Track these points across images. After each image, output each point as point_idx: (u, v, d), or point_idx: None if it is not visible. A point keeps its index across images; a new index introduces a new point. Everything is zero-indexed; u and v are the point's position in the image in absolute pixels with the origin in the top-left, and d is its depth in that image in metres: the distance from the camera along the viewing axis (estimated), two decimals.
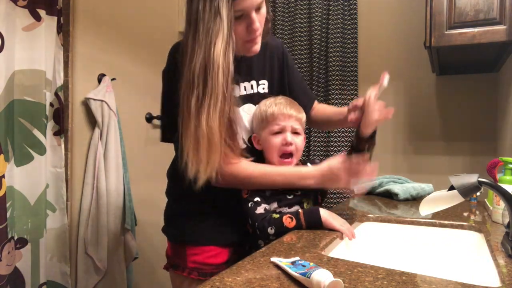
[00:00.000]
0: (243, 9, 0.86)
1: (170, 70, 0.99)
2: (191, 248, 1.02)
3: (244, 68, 1.05)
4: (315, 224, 0.93)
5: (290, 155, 1.04)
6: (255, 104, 1.08)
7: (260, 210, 0.96)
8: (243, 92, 1.06)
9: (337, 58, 2.20)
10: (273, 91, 1.11)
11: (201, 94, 0.84)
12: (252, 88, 1.08)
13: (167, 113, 1.02)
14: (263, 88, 1.10)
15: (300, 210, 0.95)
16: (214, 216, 1.03)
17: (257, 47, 0.95)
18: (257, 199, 0.98)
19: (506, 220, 0.81)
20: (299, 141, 1.06)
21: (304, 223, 0.92)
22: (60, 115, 1.63)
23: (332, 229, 0.92)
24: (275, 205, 1.01)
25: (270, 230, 0.92)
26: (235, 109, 0.93)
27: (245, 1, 0.85)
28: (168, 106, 0.99)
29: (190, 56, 0.86)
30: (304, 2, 2.29)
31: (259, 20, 0.90)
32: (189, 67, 0.86)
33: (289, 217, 0.93)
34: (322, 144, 2.26)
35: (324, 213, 0.94)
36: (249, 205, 0.97)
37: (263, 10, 0.91)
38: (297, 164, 1.07)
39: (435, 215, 1.16)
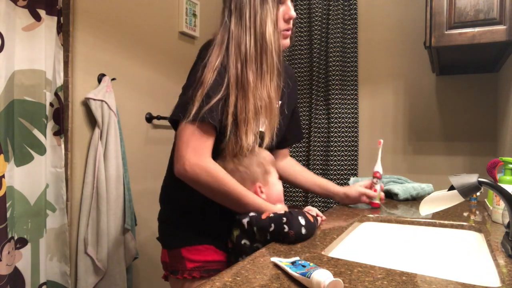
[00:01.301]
0: None
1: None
2: (186, 250, 1.01)
3: None
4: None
5: None
6: None
7: (264, 215, 0.91)
8: None
9: (337, 58, 2.20)
10: (283, 112, 1.12)
11: (259, 70, 0.95)
12: None
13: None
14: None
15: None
16: (204, 216, 1.03)
17: (287, 41, 1.06)
18: (252, 213, 0.93)
19: (506, 220, 0.81)
20: None
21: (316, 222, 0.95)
22: (60, 115, 1.63)
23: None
24: None
25: (302, 220, 0.88)
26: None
27: None
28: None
29: (236, 39, 0.96)
30: (304, 2, 2.29)
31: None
32: (238, 48, 0.96)
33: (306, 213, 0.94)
34: (321, 148, 2.25)
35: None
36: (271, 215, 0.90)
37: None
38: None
39: (435, 215, 1.16)
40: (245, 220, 0.91)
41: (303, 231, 0.85)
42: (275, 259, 0.69)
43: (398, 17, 2.16)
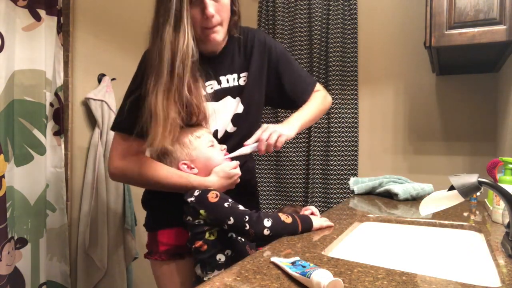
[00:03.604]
0: None
1: (138, 69, 1.06)
2: (162, 232, 1.07)
3: (228, 62, 1.10)
4: (308, 229, 0.94)
5: None
6: (234, 97, 1.11)
7: (241, 207, 0.91)
8: (225, 85, 1.10)
9: (337, 58, 2.20)
10: (251, 82, 1.12)
11: (155, 76, 0.91)
12: (234, 81, 1.11)
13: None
14: (244, 81, 1.12)
15: (296, 216, 0.94)
16: (173, 199, 1.05)
17: (216, 36, 0.99)
18: (230, 200, 0.92)
19: (506, 220, 0.81)
20: None
21: (300, 223, 0.92)
22: (60, 115, 1.63)
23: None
24: None
25: (267, 222, 0.87)
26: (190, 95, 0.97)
27: None
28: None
29: (152, 41, 0.94)
30: (304, 2, 2.29)
31: (217, 8, 0.95)
32: (150, 52, 0.94)
33: (284, 214, 0.92)
34: (321, 148, 2.26)
35: (314, 223, 0.95)
36: (226, 205, 0.90)
37: (224, 0, 0.96)
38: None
39: (435, 215, 1.16)
40: (189, 199, 0.93)
41: (266, 232, 0.86)
42: (275, 259, 0.69)
43: (398, 17, 2.16)
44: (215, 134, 1.10)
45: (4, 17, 1.40)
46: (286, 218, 0.91)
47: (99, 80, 1.81)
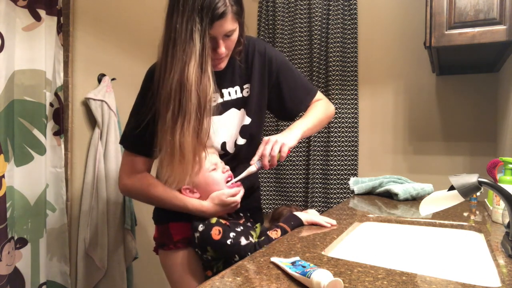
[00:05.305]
0: (212, 35, 0.93)
1: (146, 86, 1.05)
2: (173, 225, 1.09)
3: (229, 74, 1.10)
4: (298, 223, 1.00)
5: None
6: (239, 109, 1.11)
7: (244, 241, 0.94)
8: (227, 98, 1.10)
9: (337, 58, 2.20)
10: (254, 93, 1.13)
11: (176, 111, 0.90)
12: (236, 93, 1.11)
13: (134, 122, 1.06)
14: (247, 92, 1.13)
15: (280, 224, 1.00)
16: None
17: (221, 64, 1.03)
18: (232, 234, 0.95)
19: (506, 220, 0.81)
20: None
21: (287, 227, 0.98)
22: (60, 115, 1.63)
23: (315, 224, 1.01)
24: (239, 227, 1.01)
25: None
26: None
27: (215, 30, 0.92)
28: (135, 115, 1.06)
29: (169, 69, 0.91)
30: (304, 2, 2.29)
31: (227, 44, 0.98)
32: (167, 80, 0.91)
33: (273, 231, 0.97)
34: (321, 148, 2.26)
35: (302, 216, 1.01)
36: (229, 243, 0.92)
37: (234, 36, 0.98)
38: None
39: (435, 215, 1.16)
40: (196, 235, 0.98)
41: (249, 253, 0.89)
42: (275, 259, 0.69)
43: (398, 17, 2.16)
44: (223, 146, 1.11)
45: (4, 17, 1.39)
46: (276, 234, 0.95)
47: (99, 80, 1.81)
